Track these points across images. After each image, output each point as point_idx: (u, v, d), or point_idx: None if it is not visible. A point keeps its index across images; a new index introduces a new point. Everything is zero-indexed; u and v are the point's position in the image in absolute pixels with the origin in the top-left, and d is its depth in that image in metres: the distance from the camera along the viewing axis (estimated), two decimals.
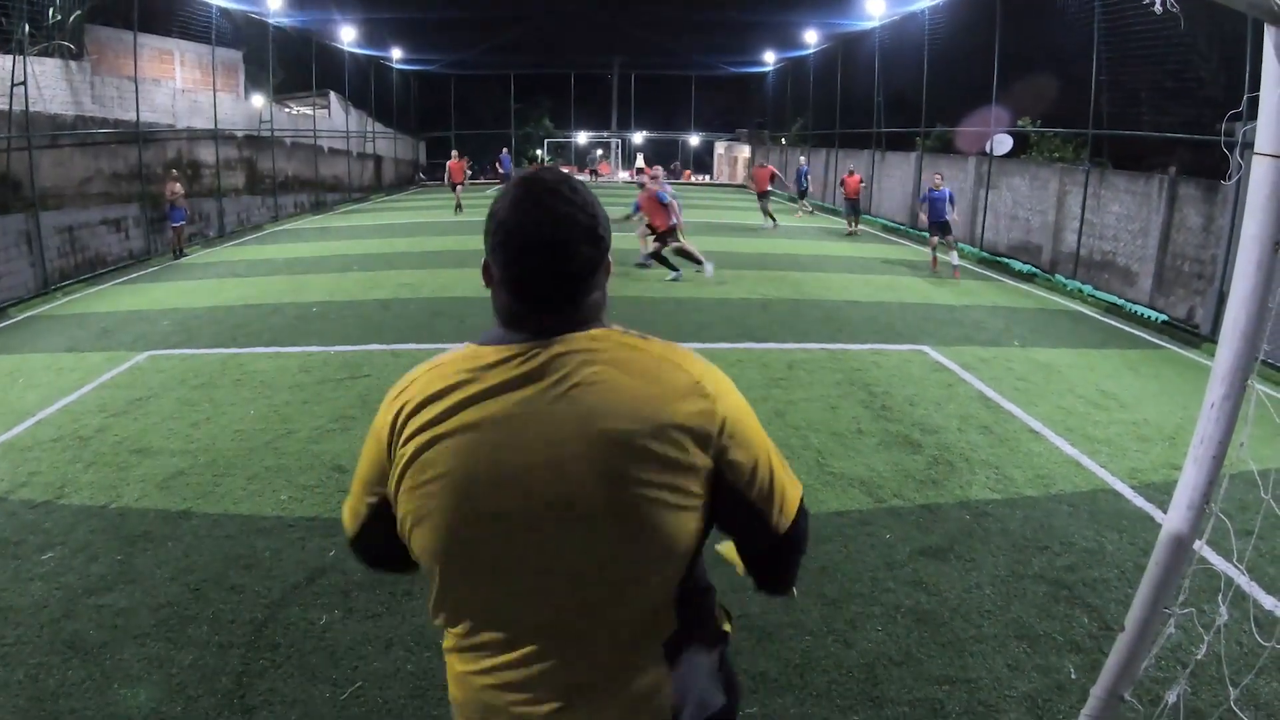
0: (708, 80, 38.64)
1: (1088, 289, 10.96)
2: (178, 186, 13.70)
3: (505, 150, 23.88)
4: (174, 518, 4.19)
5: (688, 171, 39.24)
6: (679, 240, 11.01)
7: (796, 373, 6.82)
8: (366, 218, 20.59)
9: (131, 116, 13.77)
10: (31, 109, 10.83)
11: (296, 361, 7.09)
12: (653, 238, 11.09)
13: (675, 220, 10.83)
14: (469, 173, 21.41)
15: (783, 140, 31.19)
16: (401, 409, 1.17)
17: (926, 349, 7.71)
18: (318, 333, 8.03)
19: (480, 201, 21.25)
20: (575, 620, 1.17)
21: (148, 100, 14.39)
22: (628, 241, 12.08)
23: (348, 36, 24.46)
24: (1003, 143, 14.63)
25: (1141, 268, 10.27)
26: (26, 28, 11.21)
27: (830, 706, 2.81)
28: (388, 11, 23.22)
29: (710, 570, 1.33)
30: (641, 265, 11.54)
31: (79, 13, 13.87)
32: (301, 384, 6.43)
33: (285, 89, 24.42)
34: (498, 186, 17.56)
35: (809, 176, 21.62)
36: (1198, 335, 8.66)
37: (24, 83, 10.45)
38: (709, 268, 10.99)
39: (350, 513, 1.34)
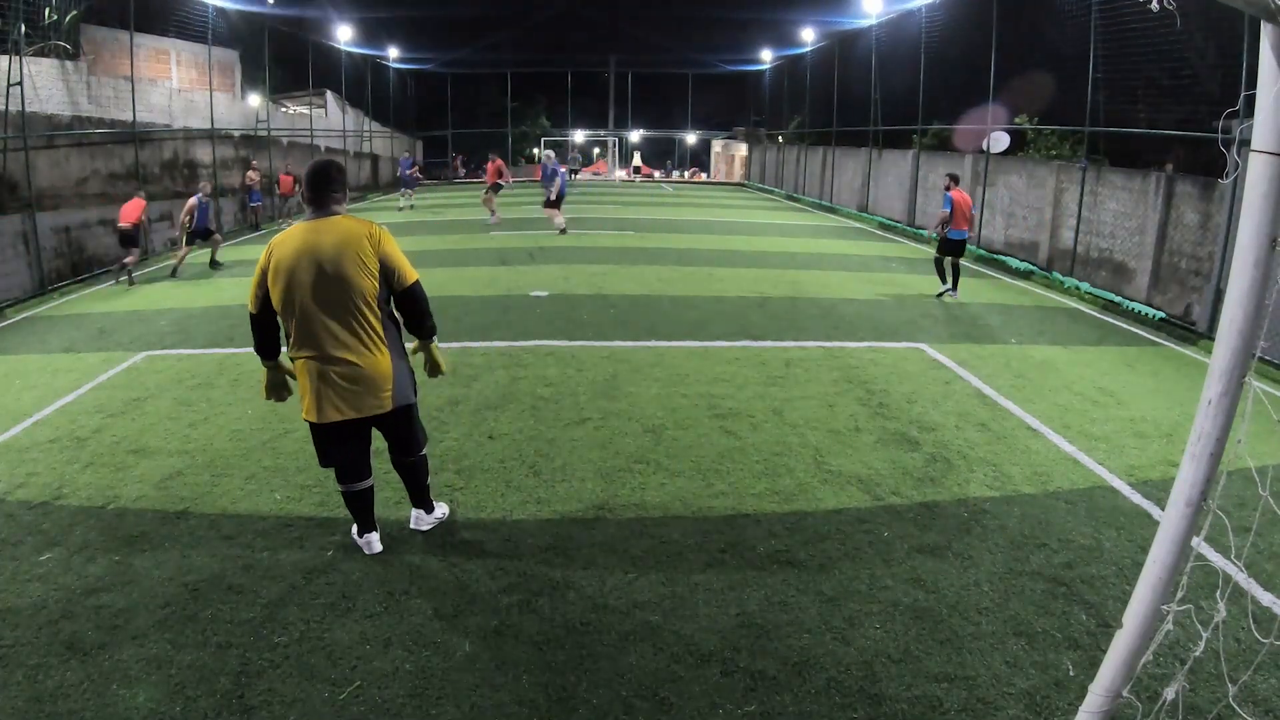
0: (705, 78, 38.65)
1: (1085, 286, 10.97)
2: (255, 174, 17.40)
3: (407, 154, 24.44)
4: (172, 518, 4.18)
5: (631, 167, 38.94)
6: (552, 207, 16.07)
7: (794, 371, 6.82)
8: (362, 217, 20.51)
9: (128, 116, 13.74)
10: (28, 109, 10.80)
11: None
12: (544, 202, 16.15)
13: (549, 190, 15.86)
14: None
15: (780, 138, 31.18)
16: (270, 252, 3.38)
17: (924, 346, 7.71)
18: None
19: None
20: (334, 318, 3.35)
21: (144, 100, 14.35)
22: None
23: (344, 36, 24.42)
24: (999, 140, 14.63)
25: (1138, 265, 10.28)
26: (23, 28, 11.18)
27: (829, 704, 2.82)
28: (384, 10, 23.19)
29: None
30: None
31: (75, 13, 13.84)
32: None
33: (282, 88, 24.39)
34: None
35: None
36: (1195, 332, 8.67)
37: (20, 83, 10.41)
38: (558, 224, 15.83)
39: (252, 299, 3.45)
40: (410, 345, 3.74)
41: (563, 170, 16.04)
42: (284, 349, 3.59)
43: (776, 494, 4.49)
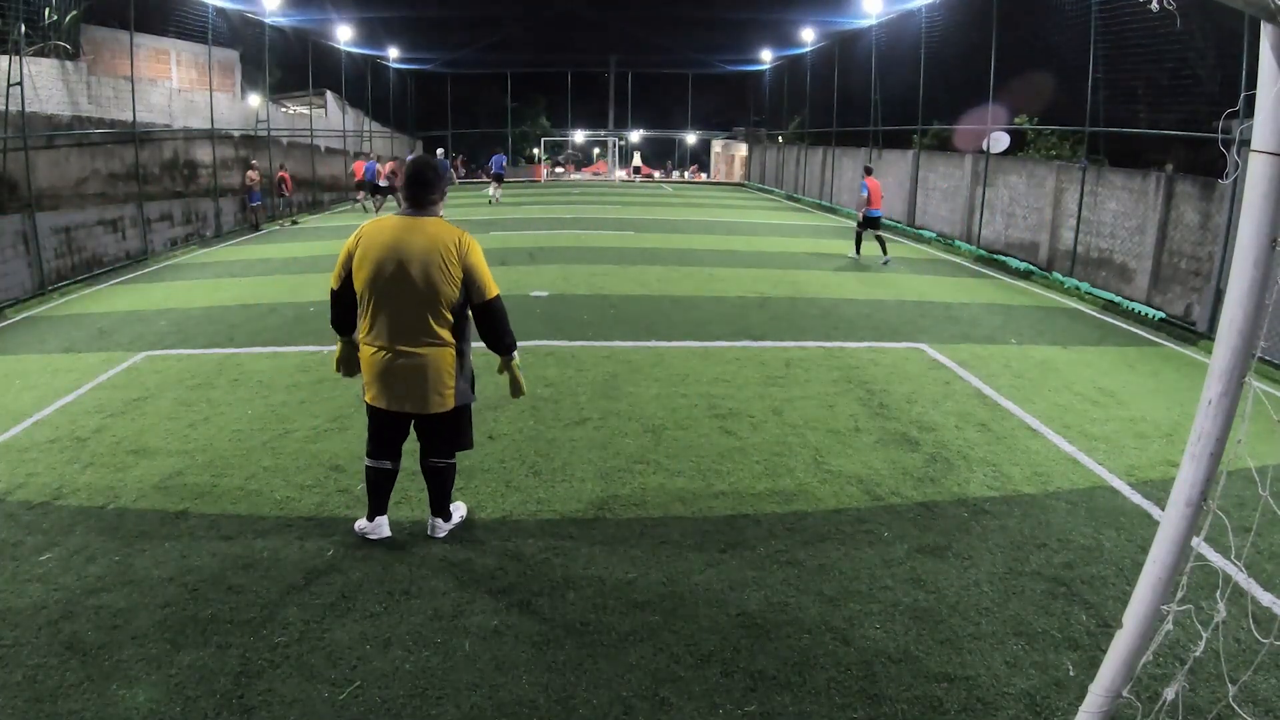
0: (705, 78, 38.65)
1: (1085, 286, 10.97)
2: (255, 175, 17.78)
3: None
4: (172, 518, 4.18)
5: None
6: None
7: (794, 371, 6.82)
8: (363, 217, 20.57)
9: (128, 116, 13.74)
10: (28, 109, 10.80)
11: (294, 361, 7.08)
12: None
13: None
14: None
15: (780, 139, 31.18)
16: (360, 236, 3.54)
17: (924, 347, 7.71)
18: (315, 332, 8.02)
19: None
20: (409, 315, 3.48)
21: (144, 100, 14.35)
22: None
23: (344, 36, 24.42)
24: (999, 140, 14.63)
25: (1138, 265, 10.28)
26: (23, 28, 11.18)
27: (829, 704, 2.82)
28: (384, 10, 23.19)
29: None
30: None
31: (75, 13, 13.84)
32: (299, 384, 6.42)
33: (282, 88, 24.39)
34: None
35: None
36: (1195, 332, 8.67)
37: (20, 83, 10.41)
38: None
39: (335, 277, 3.60)
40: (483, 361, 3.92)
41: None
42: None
43: (776, 494, 4.49)
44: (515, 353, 3.81)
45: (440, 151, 20.83)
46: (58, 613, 3.33)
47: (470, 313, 3.64)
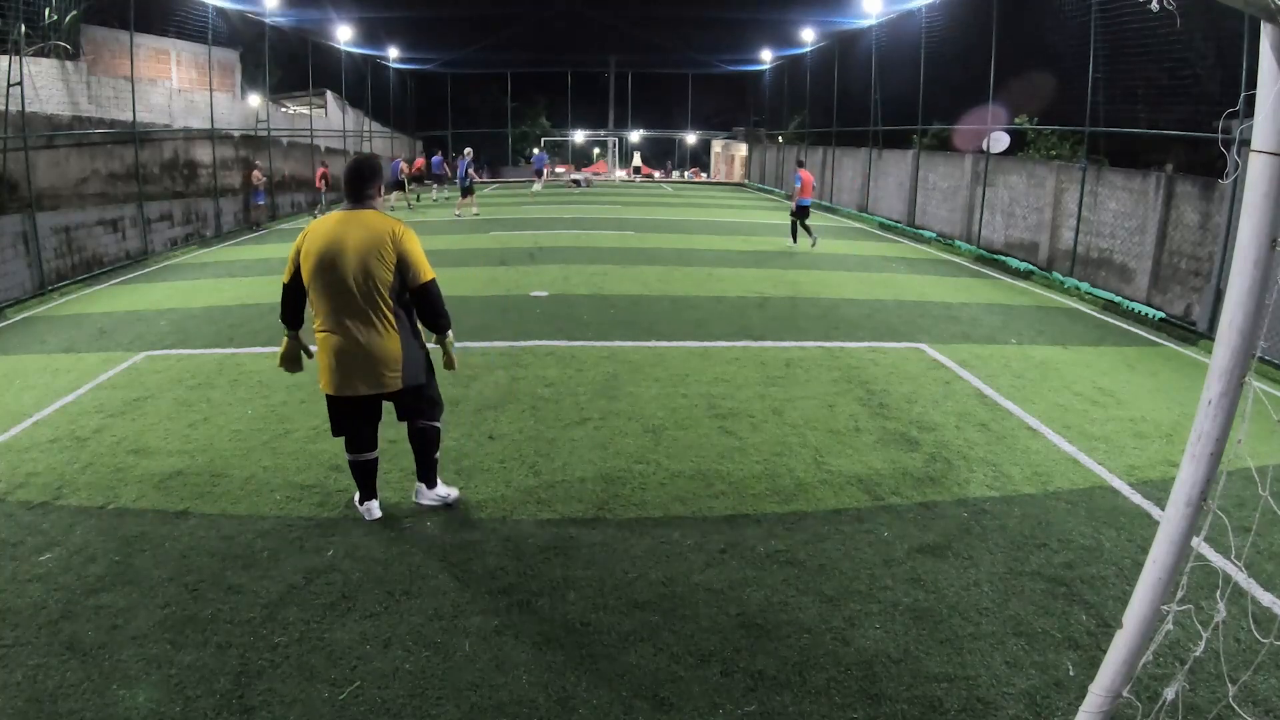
0: (705, 78, 38.65)
1: (1085, 286, 10.97)
2: (259, 174, 18.37)
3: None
4: (172, 518, 4.18)
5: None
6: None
7: (794, 371, 6.82)
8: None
9: (128, 116, 13.74)
10: (28, 109, 10.80)
11: None
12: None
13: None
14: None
15: (779, 138, 31.19)
16: (307, 232, 3.77)
17: (924, 347, 7.71)
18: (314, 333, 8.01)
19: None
20: (351, 300, 3.70)
21: (144, 100, 14.35)
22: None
23: (344, 36, 24.42)
24: (999, 140, 14.63)
25: (1138, 265, 10.28)
26: (22, 28, 11.18)
27: (829, 704, 2.82)
28: (385, 10, 23.19)
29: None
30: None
31: (75, 13, 13.84)
32: (299, 384, 6.41)
33: (282, 88, 24.39)
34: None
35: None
36: (1195, 332, 8.67)
37: (20, 83, 10.41)
38: None
39: (286, 272, 3.83)
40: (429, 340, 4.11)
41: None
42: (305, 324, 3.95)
43: (776, 494, 4.49)
44: (450, 332, 4.03)
45: (469, 151, 20.65)
46: (58, 612, 3.33)
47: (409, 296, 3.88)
